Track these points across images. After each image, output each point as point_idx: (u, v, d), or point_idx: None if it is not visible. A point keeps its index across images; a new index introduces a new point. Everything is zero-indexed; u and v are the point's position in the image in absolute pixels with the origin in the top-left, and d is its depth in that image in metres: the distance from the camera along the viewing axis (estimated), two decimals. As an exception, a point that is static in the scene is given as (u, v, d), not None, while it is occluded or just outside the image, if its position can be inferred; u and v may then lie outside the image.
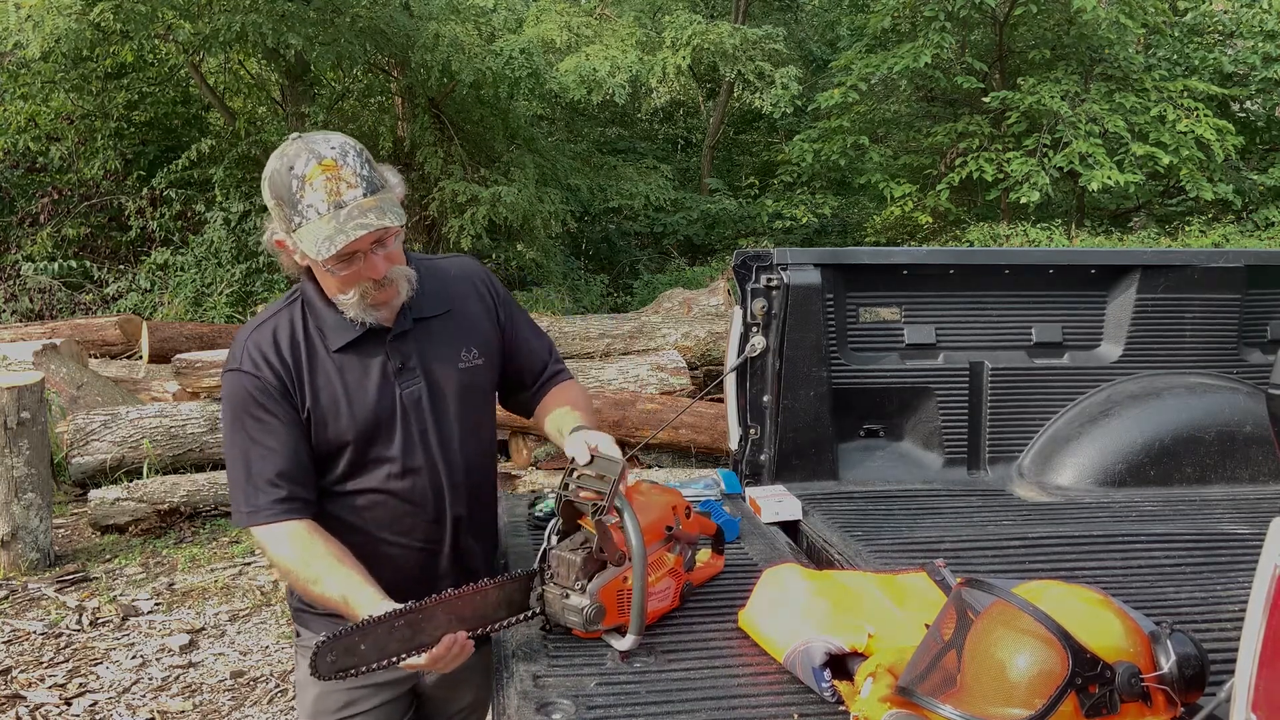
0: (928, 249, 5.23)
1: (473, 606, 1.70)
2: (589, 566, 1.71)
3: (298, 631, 2.05)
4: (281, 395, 1.82)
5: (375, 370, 1.87)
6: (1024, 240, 10.67)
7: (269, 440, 1.82)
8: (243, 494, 1.83)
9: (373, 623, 1.61)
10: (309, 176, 1.71)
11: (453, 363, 1.94)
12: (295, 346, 1.85)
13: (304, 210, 1.71)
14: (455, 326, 1.96)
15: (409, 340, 1.90)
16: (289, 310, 1.89)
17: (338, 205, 1.70)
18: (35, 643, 4.17)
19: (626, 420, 5.94)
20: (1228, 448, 2.84)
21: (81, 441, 5.65)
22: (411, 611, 1.64)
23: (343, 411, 1.84)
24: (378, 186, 1.75)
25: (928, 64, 10.85)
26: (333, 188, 1.70)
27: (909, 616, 1.70)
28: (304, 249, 1.73)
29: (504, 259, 10.41)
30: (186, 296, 9.92)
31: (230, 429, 1.85)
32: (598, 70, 9.59)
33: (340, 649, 1.58)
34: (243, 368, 1.83)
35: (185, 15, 8.89)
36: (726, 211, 12.61)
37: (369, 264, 1.76)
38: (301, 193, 1.71)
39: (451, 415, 1.93)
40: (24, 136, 10.16)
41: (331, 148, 1.73)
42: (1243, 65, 11.73)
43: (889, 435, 2.97)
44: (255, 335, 1.86)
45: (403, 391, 1.88)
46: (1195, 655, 1.37)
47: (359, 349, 1.87)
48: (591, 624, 1.69)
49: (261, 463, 1.81)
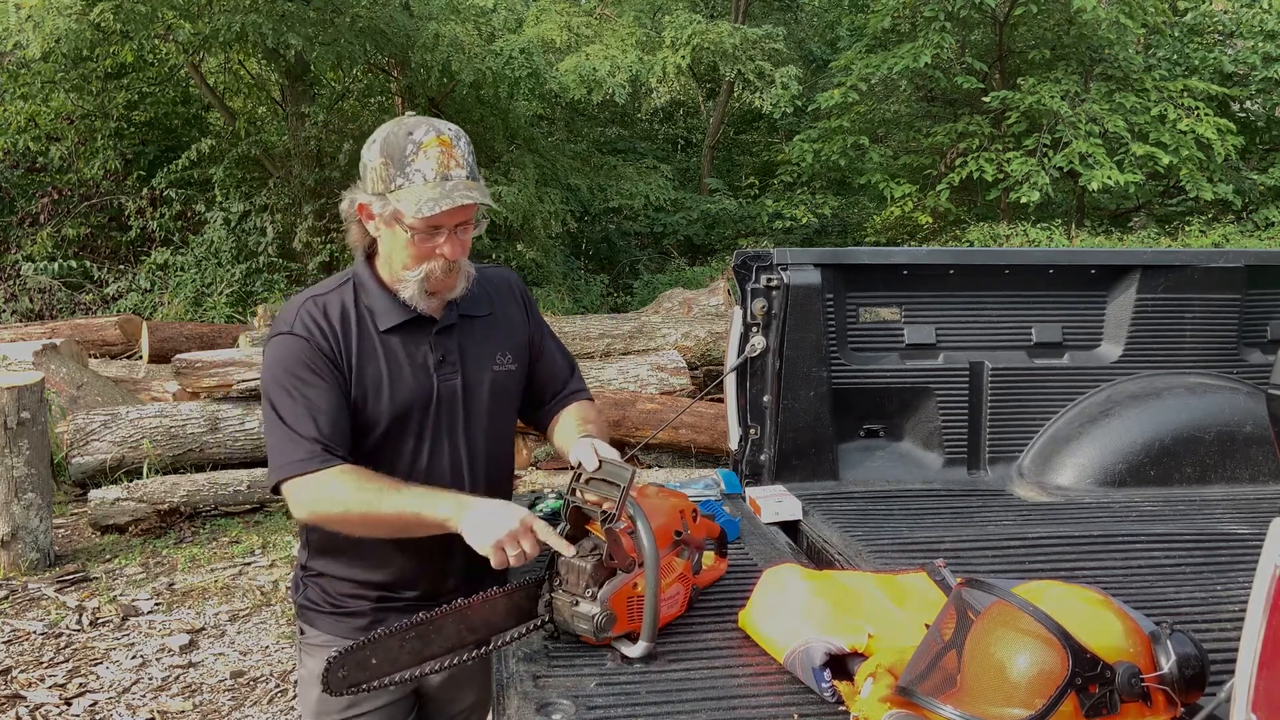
0: (928, 249, 5.23)
1: (482, 616, 1.69)
2: (599, 573, 1.69)
3: (301, 629, 2.05)
4: (331, 362, 1.85)
5: (418, 358, 1.91)
6: (1024, 240, 10.67)
7: (316, 399, 1.82)
8: (283, 450, 1.81)
9: (383, 637, 1.61)
10: (425, 144, 1.79)
11: (489, 363, 1.98)
12: (346, 321, 1.88)
13: (411, 174, 1.78)
14: (495, 329, 2.01)
15: (453, 335, 1.94)
16: (340, 290, 1.93)
17: (444, 177, 1.79)
18: (35, 643, 4.17)
19: (626, 420, 5.94)
20: (1228, 448, 2.84)
21: (81, 441, 5.65)
22: (421, 624, 1.63)
23: (383, 392, 1.87)
24: (477, 176, 1.85)
25: (928, 64, 10.86)
26: (444, 161, 1.79)
27: (909, 616, 1.70)
28: (401, 207, 1.79)
29: (504, 259, 10.42)
30: (186, 296, 9.93)
31: (274, 390, 1.84)
32: (598, 70, 9.59)
33: (352, 663, 1.57)
34: (295, 331, 1.85)
35: (185, 15, 8.89)
36: (726, 211, 12.61)
37: (450, 242, 1.82)
38: (415, 157, 1.78)
39: (481, 414, 1.96)
40: (24, 136, 10.17)
41: (449, 128, 1.84)
42: (1243, 65, 11.73)
43: (889, 435, 2.97)
44: (308, 305, 1.89)
45: (440, 383, 1.91)
46: (1195, 655, 1.37)
47: (405, 335, 1.90)
48: (602, 631, 1.67)
49: (305, 420, 1.81)
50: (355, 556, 1.95)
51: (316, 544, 1.99)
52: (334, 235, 9.63)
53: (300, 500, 1.81)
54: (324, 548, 1.98)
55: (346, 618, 1.97)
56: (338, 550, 1.96)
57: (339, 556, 1.96)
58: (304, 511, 1.82)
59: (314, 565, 2.01)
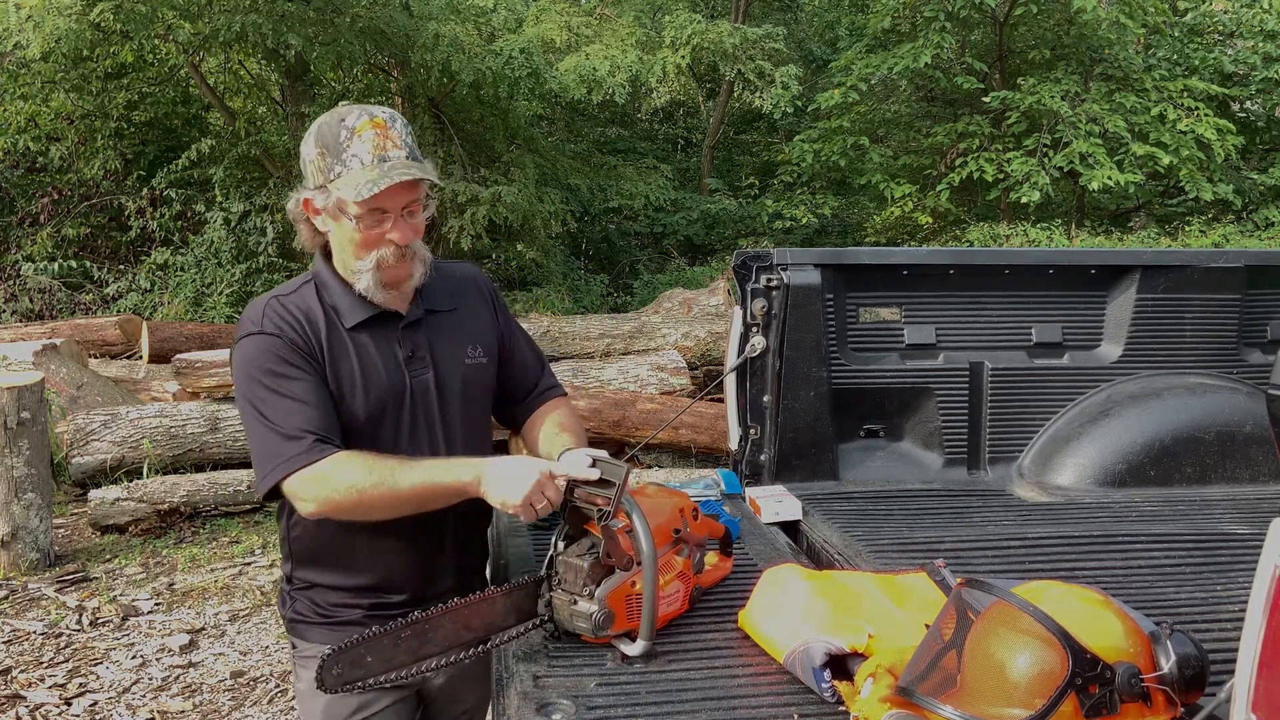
0: (928, 249, 5.23)
1: (480, 615, 1.69)
2: (596, 572, 1.69)
3: (294, 644, 2.01)
4: (307, 354, 1.81)
5: (388, 354, 1.88)
6: (1024, 240, 10.67)
7: (299, 393, 1.78)
8: (273, 450, 1.75)
9: (379, 634, 1.60)
10: (359, 129, 1.77)
11: (460, 358, 1.96)
12: (313, 319, 1.84)
13: (347, 160, 1.77)
14: (463, 324, 1.99)
15: (420, 330, 1.92)
16: (303, 290, 1.89)
17: (381, 159, 1.76)
18: (35, 643, 4.17)
19: (626, 420, 5.94)
20: (1228, 448, 2.84)
21: (81, 441, 5.65)
22: (418, 622, 1.62)
23: (358, 389, 1.84)
24: (418, 157, 1.83)
25: (928, 64, 10.85)
26: (380, 143, 1.77)
27: (909, 616, 1.70)
28: (342, 194, 1.76)
29: (504, 259, 10.41)
30: (186, 296, 9.92)
31: (253, 392, 1.78)
32: (598, 70, 9.59)
33: (346, 661, 1.56)
34: (264, 330, 1.80)
35: (185, 15, 8.89)
36: (726, 211, 12.61)
37: (397, 226, 1.79)
38: (349, 143, 1.77)
39: (456, 408, 1.94)
40: (24, 136, 10.17)
41: (383, 111, 1.82)
42: (1243, 65, 11.73)
43: (889, 435, 2.97)
44: (273, 304, 1.85)
45: (413, 379, 1.89)
46: (1195, 655, 1.37)
47: (373, 331, 1.88)
48: (600, 630, 1.67)
49: (293, 414, 1.76)
50: (341, 562, 1.91)
51: (300, 553, 1.95)
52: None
53: (307, 495, 1.75)
54: (308, 556, 1.94)
55: (339, 627, 1.93)
56: (323, 557, 1.92)
57: (324, 563, 1.93)
58: (314, 505, 1.75)
59: (299, 576, 1.97)
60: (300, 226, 1.89)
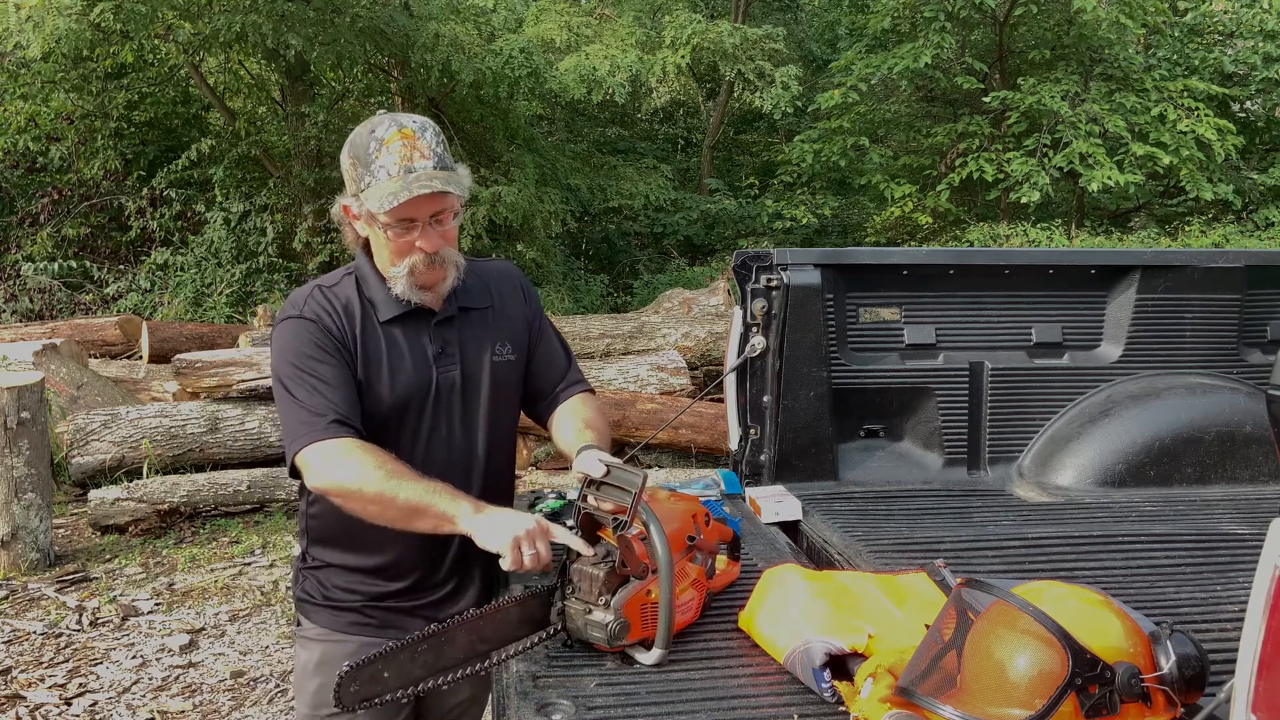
0: (928, 249, 5.23)
1: (494, 626, 1.67)
2: (611, 581, 1.67)
3: (299, 621, 2.06)
4: (339, 345, 1.88)
5: (418, 349, 1.93)
6: (1024, 240, 10.67)
7: (327, 377, 1.84)
8: (298, 425, 1.82)
9: (395, 650, 1.58)
10: (387, 140, 1.80)
11: (488, 354, 1.99)
12: (350, 311, 1.91)
13: (375, 170, 1.80)
14: (495, 321, 2.03)
15: (452, 327, 1.97)
16: (345, 281, 1.96)
17: (407, 170, 1.79)
18: (35, 643, 4.17)
19: (626, 420, 5.94)
20: (1228, 448, 2.84)
21: (81, 441, 5.65)
22: (433, 635, 1.61)
23: (385, 381, 1.89)
24: (448, 166, 1.85)
25: (928, 64, 10.86)
26: (407, 154, 1.80)
27: (909, 617, 1.70)
28: (369, 205, 1.81)
29: (504, 259, 10.41)
30: (186, 296, 9.93)
31: (285, 371, 1.86)
32: (598, 70, 9.59)
33: (364, 677, 1.54)
34: (304, 314, 1.88)
35: (185, 15, 8.89)
36: (726, 211, 12.61)
37: (424, 235, 1.83)
38: (377, 154, 1.80)
39: (481, 405, 1.98)
40: (24, 136, 10.18)
41: (414, 121, 1.85)
42: (1243, 65, 11.73)
43: (889, 435, 2.97)
44: (316, 292, 1.93)
45: (439, 375, 1.93)
46: (1195, 656, 1.37)
47: (405, 326, 1.93)
48: (616, 639, 1.65)
49: (318, 395, 1.83)
50: (352, 541, 1.95)
51: (316, 531, 2.00)
52: (334, 235, 9.62)
53: (315, 468, 1.80)
54: (323, 535, 1.99)
55: (339, 612, 1.99)
56: (336, 536, 1.97)
57: (337, 543, 1.97)
58: (318, 480, 1.80)
59: (313, 554, 2.02)
60: (344, 229, 1.97)
